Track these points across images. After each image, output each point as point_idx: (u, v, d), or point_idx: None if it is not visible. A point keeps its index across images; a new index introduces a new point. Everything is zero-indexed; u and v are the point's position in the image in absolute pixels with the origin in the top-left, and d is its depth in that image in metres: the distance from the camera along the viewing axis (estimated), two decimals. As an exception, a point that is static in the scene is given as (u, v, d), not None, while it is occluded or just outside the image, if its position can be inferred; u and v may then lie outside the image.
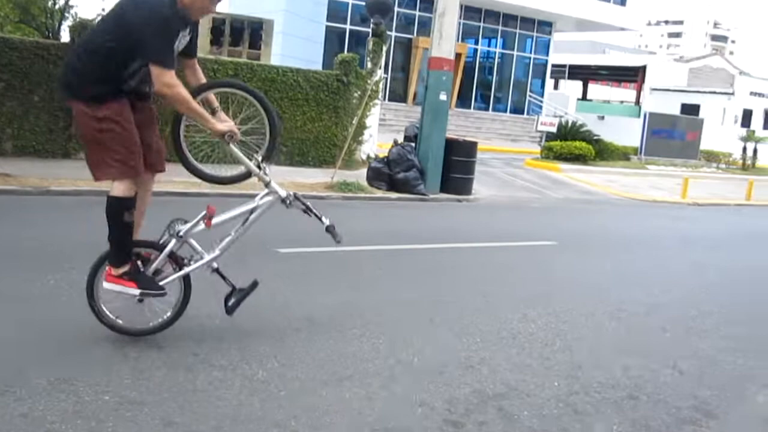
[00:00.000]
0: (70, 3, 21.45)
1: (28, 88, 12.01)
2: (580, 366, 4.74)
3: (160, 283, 4.33)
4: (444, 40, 13.25)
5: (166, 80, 3.97)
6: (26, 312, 4.73)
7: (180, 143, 4.46)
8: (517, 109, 34.61)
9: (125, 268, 4.20)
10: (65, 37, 19.07)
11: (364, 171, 14.25)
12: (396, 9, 29.12)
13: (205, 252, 4.46)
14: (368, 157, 16.34)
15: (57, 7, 21.24)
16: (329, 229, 4.61)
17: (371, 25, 15.84)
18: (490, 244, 9.08)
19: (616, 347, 5.25)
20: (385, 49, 15.70)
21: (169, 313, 4.48)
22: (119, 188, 4.10)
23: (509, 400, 4.05)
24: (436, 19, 13.34)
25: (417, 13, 30.23)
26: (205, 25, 18.31)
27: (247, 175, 4.52)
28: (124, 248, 4.23)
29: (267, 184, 4.46)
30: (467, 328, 5.28)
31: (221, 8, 23.20)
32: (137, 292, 4.25)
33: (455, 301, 6.02)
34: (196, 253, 4.46)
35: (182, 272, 4.41)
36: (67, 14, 21.34)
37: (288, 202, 4.45)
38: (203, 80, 4.50)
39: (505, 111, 34.41)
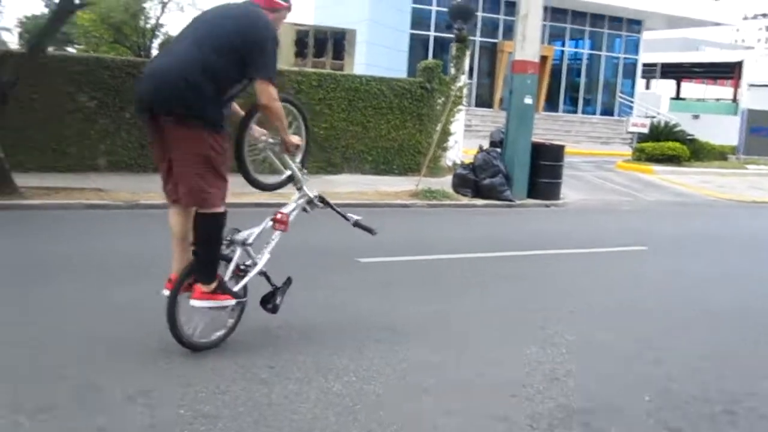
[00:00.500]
0: (161, 22, 22.16)
1: (119, 106, 12.40)
2: (671, 378, 4.48)
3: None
4: (527, 42, 13.01)
5: (274, 94, 4.12)
6: (110, 323, 4.80)
7: (244, 158, 4.52)
8: (607, 111, 33.78)
9: (216, 283, 4.24)
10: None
11: (449, 178, 14.13)
12: (480, 14, 28.91)
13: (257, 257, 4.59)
14: (454, 163, 16.20)
15: (148, 26, 21.96)
16: (358, 224, 4.82)
17: (454, 31, 15.70)
18: (577, 250, 8.81)
19: (710, 357, 4.96)
20: (468, 54, 15.54)
21: (231, 321, 4.56)
22: (219, 206, 4.17)
23: (596, 415, 3.85)
24: (518, 22, 13.12)
25: (501, 17, 29.88)
26: (289, 37, 18.63)
27: (289, 180, 4.78)
28: (217, 263, 4.30)
29: (301, 188, 4.76)
30: (552, 339, 5.09)
31: (305, 20, 23.56)
32: (233, 302, 4.39)
33: (541, 310, 5.82)
34: (251, 259, 4.55)
35: (247, 278, 4.51)
36: (157, 32, 22.03)
37: (315, 201, 4.77)
38: None
39: (595, 113, 33.63)
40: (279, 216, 4.61)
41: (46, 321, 4.82)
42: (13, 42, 29.01)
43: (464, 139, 18.42)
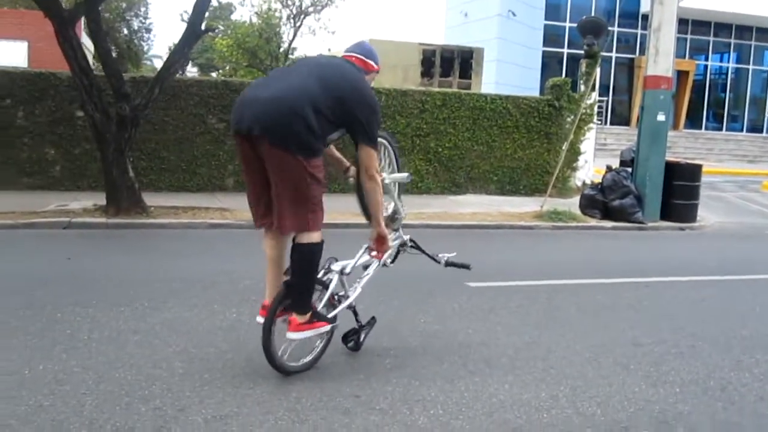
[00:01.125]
0: (293, 46, 22.70)
1: (246, 127, 12.70)
2: (803, 427, 4.00)
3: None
4: (661, 56, 12.37)
5: (377, 165, 4.24)
6: (202, 344, 4.79)
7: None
8: (755, 128, 31.89)
9: (310, 313, 4.18)
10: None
11: (577, 199, 13.61)
12: (616, 29, 28.05)
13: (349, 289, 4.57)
14: (583, 183, 15.67)
15: (281, 50, 22.53)
16: (450, 263, 4.79)
17: (584, 47, 15.21)
18: (709, 277, 8.18)
19: None
20: (598, 70, 14.99)
21: (320, 344, 4.50)
22: (317, 234, 4.14)
23: (706, 466, 3.46)
24: (651, 35, 12.50)
25: (638, 32, 28.87)
26: (415, 57, 18.66)
27: (390, 219, 4.84)
28: (312, 294, 4.26)
29: (397, 229, 4.84)
30: (666, 376, 4.66)
31: (434, 40, 23.59)
32: (328, 328, 4.35)
33: (657, 342, 5.38)
34: (344, 291, 4.53)
35: (339, 308, 4.46)
36: (290, 56, 22.57)
37: (408, 246, 4.79)
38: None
39: (741, 130, 31.83)
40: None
41: (144, 338, 4.87)
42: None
43: (597, 158, 17.86)
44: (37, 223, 9.65)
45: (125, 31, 45.05)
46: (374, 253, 4.60)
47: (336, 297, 4.49)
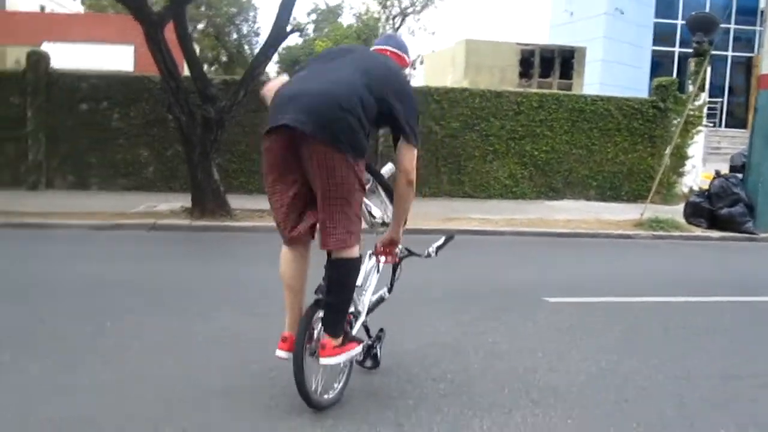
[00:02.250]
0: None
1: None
2: None
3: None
4: (776, 53, 11.43)
5: (415, 165, 3.77)
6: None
7: None
8: None
9: (343, 335, 3.78)
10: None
11: (682, 207, 12.80)
12: (732, 26, 26.60)
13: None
14: (690, 190, 14.76)
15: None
16: (438, 248, 4.34)
17: (693, 44, 14.32)
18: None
19: None
20: (708, 69, 14.06)
21: (346, 369, 4.00)
22: (357, 249, 3.73)
23: None
24: (765, 31, 11.57)
25: (757, 29, 27.22)
26: (514, 58, 18.08)
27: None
28: (347, 313, 3.86)
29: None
30: (762, 417, 4.02)
31: (535, 39, 22.82)
32: (360, 349, 3.93)
33: (758, 375, 4.73)
34: (354, 306, 4.05)
35: (357, 325, 4.05)
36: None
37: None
38: None
39: None
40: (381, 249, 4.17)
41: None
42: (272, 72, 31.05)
43: (710, 162, 16.90)
44: (123, 224, 9.73)
45: (235, 36, 46.13)
46: (383, 258, 4.17)
47: (351, 315, 4.02)
